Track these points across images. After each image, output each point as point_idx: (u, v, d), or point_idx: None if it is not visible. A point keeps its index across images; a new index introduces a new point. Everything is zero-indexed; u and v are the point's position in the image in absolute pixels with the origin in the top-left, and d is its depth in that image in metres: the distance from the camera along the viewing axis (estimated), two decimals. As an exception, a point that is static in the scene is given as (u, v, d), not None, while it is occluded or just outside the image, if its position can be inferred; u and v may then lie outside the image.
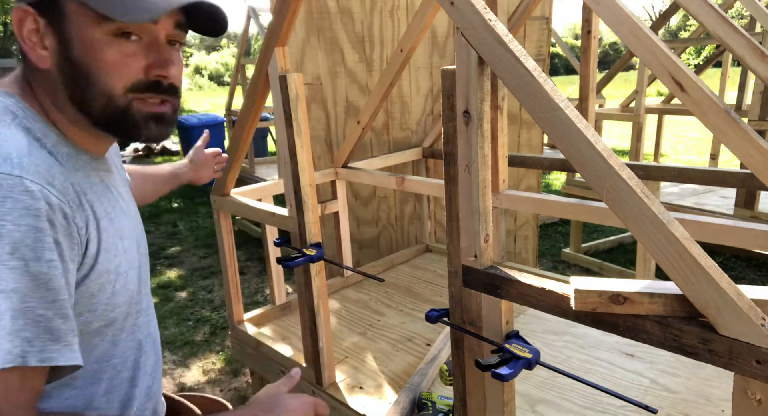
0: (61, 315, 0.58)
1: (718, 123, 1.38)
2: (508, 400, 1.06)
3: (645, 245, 0.76)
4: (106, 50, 0.67)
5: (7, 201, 0.55)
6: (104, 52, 0.67)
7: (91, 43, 0.67)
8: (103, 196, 0.75)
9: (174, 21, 0.72)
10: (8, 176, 0.57)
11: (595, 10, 1.55)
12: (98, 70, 0.68)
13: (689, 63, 18.91)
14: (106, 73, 0.68)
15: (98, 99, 0.69)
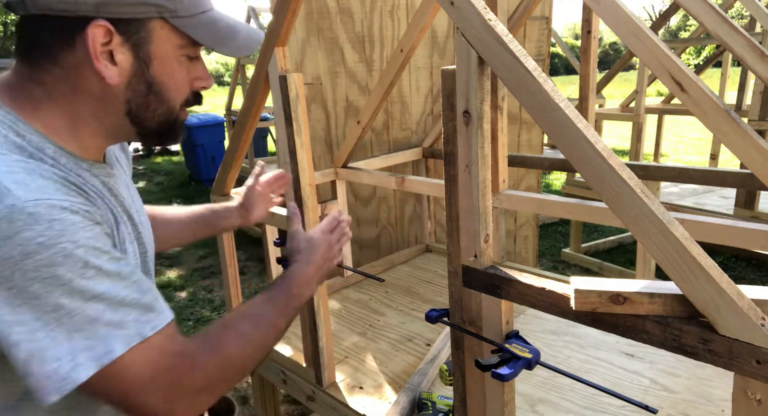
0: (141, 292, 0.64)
1: (718, 123, 1.38)
2: (508, 400, 1.06)
3: (645, 245, 0.76)
4: (180, 70, 0.73)
5: (54, 223, 0.57)
6: (178, 73, 0.73)
7: (171, 66, 0.72)
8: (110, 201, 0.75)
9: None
10: (38, 201, 0.57)
11: (595, 10, 1.55)
12: (170, 88, 0.73)
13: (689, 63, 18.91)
14: (176, 91, 0.74)
15: (164, 114, 0.74)
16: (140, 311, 0.63)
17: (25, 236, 0.55)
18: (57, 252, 0.56)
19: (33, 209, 0.56)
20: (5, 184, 0.56)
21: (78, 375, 0.58)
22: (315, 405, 1.83)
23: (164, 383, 0.64)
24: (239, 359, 0.74)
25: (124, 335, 0.61)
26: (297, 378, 1.87)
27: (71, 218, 0.59)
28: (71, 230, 0.58)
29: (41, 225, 0.56)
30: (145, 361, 0.62)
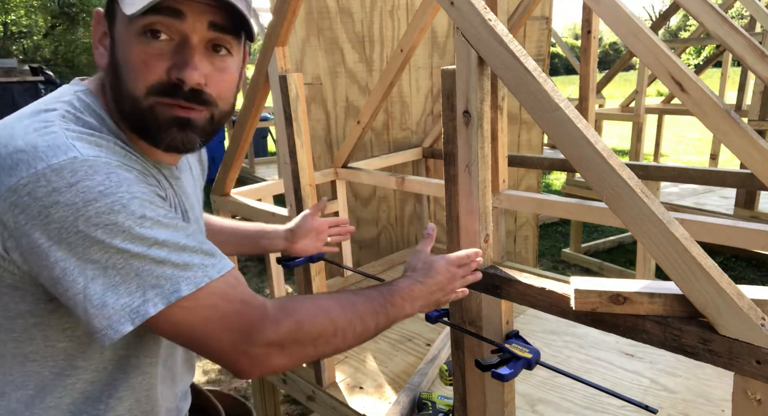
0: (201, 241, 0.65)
1: (718, 123, 1.38)
2: (508, 400, 1.06)
3: (645, 245, 0.76)
4: (133, 49, 0.66)
5: (111, 176, 0.59)
6: (131, 52, 0.67)
7: (125, 43, 0.67)
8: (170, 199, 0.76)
9: (207, 21, 0.67)
10: (99, 157, 0.60)
11: (595, 10, 1.55)
12: (126, 69, 0.67)
13: (689, 63, 18.91)
14: (131, 73, 0.67)
15: (126, 100, 0.68)
16: (203, 255, 0.64)
17: (86, 184, 0.57)
18: (115, 201, 0.58)
19: (93, 162, 0.59)
20: (71, 142, 0.60)
21: (148, 309, 0.60)
22: (315, 405, 1.83)
23: (233, 326, 0.64)
24: (316, 330, 0.71)
25: (191, 276, 0.62)
26: (297, 378, 1.87)
27: (126, 175, 0.61)
28: (127, 183, 0.60)
29: (100, 176, 0.58)
30: (212, 303, 0.63)
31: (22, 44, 13.49)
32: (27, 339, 0.66)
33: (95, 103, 0.69)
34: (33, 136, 0.59)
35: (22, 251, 0.59)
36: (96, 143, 0.62)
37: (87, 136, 0.63)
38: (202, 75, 0.68)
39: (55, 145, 0.58)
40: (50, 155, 0.57)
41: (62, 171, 0.57)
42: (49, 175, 0.57)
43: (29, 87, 8.11)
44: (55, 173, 0.57)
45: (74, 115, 0.65)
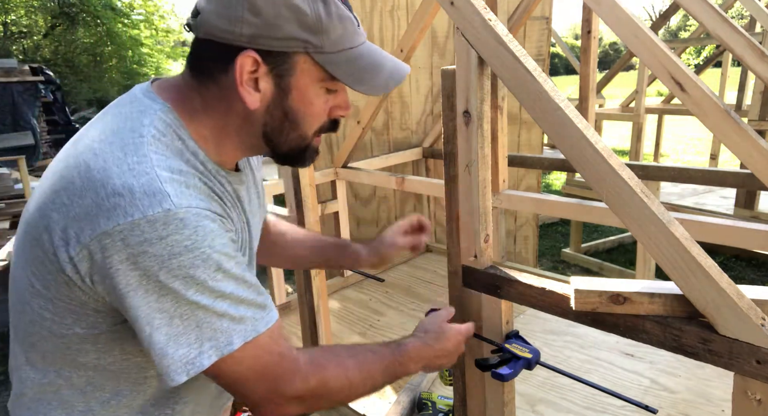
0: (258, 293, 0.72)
1: (718, 123, 1.38)
2: (508, 400, 1.06)
3: (645, 245, 0.76)
4: (318, 102, 0.76)
5: (198, 230, 0.64)
6: (316, 104, 0.76)
7: (309, 96, 0.75)
8: (234, 208, 0.81)
9: None
10: (190, 209, 0.65)
11: (595, 10, 1.55)
12: (305, 118, 0.76)
13: (689, 63, 18.91)
14: (310, 121, 0.77)
15: (295, 140, 0.77)
16: (256, 309, 0.70)
17: (175, 238, 0.63)
18: (197, 256, 0.64)
19: (184, 215, 0.63)
20: (166, 189, 0.64)
21: (203, 360, 0.66)
22: (315, 405, 1.83)
23: (268, 377, 0.71)
24: (335, 388, 0.79)
25: (242, 329, 0.68)
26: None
27: (211, 226, 0.66)
28: (210, 237, 0.66)
29: (189, 230, 0.64)
30: (256, 355, 0.70)
31: (22, 44, 13.47)
32: (107, 351, 0.73)
33: (175, 123, 0.72)
34: (129, 178, 0.63)
35: (105, 287, 0.65)
36: (185, 184, 0.67)
37: (177, 176, 0.67)
38: None
39: (151, 192, 0.63)
40: (146, 205, 0.62)
41: (156, 223, 0.62)
42: (144, 225, 0.61)
43: (29, 87, 8.10)
44: (150, 225, 0.62)
45: (161, 141, 0.69)
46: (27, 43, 13.59)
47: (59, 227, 0.64)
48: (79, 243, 0.63)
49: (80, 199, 0.63)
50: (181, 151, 0.71)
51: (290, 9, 0.68)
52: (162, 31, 15.02)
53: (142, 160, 0.65)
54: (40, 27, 13.78)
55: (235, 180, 0.81)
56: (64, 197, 0.64)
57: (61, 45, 13.48)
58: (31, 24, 13.70)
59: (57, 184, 0.66)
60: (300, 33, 0.69)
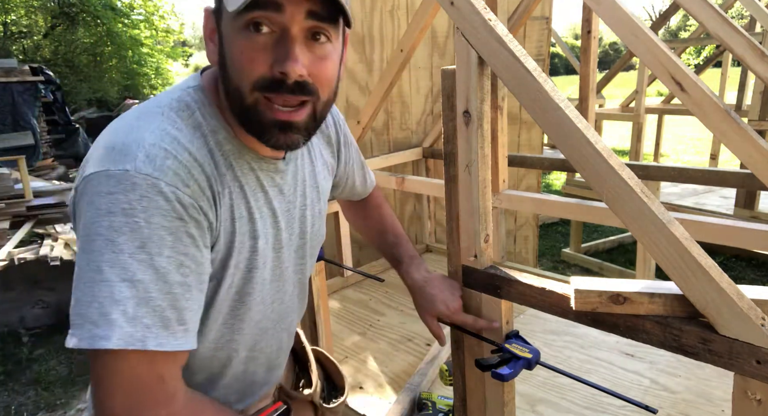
0: (172, 307, 0.64)
1: (718, 123, 1.38)
2: (508, 400, 1.06)
3: (645, 245, 0.76)
4: (238, 44, 0.68)
5: (143, 200, 0.62)
6: (236, 47, 0.68)
7: (231, 38, 0.69)
8: (254, 195, 0.77)
9: (305, 10, 0.67)
10: (148, 177, 0.63)
11: (595, 10, 1.55)
12: (232, 65, 0.69)
13: (689, 63, 18.90)
14: (236, 68, 0.69)
15: (233, 96, 0.70)
16: (157, 320, 0.63)
17: (119, 197, 0.62)
18: (128, 223, 0.62)
19: (139, 181, 0.63)
20: (137, 153, 0.64)
21: (69, 341, 0.61)
22: (315, 405, 1.83)
23: (134, 400, 0.63)
24: None
25: (128, 334, 0.60)
26: (297, 378, 1.87)
27: (161, 203, 0.63)
28: (152, 211, 0.63)
29: (134, 195, 0.62)
30: (131, 368, 0.62)
31: (22, 44, 13.46)
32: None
33: (204, 101, 0.73)
34: (121, 135, 0.66)
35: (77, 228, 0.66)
36: (169, 155, 0.66)
37: (167, 145, 0.66)
38: (304, 66, 0.68)
39: (126, 151, 0.64)
40: (115, 161, 0.63)
41: (112, 179, 0.63)
42: (103, 178, 0.63)
43: (29, 87, 8.10)
44: (107, 179, 0.63)
45: (178, 113, 0.70)
46: (27, 43, 13.58)
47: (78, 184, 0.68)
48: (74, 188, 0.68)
49: (93, 150, 0.68)
50: (199, 125, 0.71)
51: None
52: (162, 31, 15.02)
53: (143, 125, 0.67)
54: (40, 27, 13.78)
55: (266, 167, 0.79)
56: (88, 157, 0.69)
57: (61, 45, 13.47)
58: (31, 24, 13.69)
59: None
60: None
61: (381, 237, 1.18)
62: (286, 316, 0.92)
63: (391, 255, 1.15)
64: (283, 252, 0.85)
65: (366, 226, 1.22)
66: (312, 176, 0.92)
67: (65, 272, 3.12)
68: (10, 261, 3.15)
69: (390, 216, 1.21)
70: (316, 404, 1.05)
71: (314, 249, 0.95)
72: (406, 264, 1.10)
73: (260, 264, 0.80)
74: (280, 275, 0.86)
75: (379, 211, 1.20)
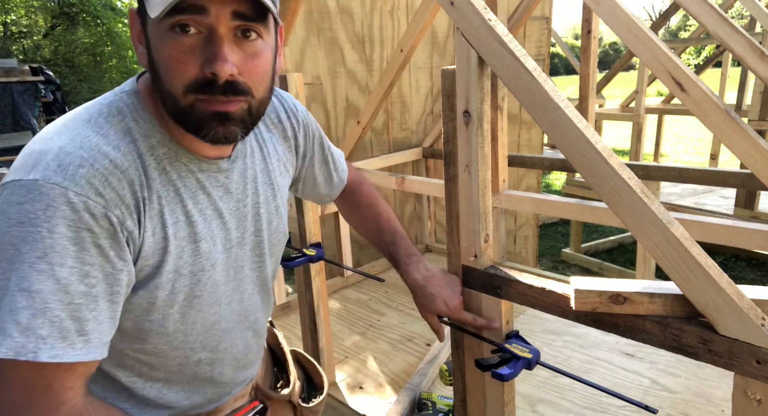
0: (72, 318, 0.63)
1: (718, 123, 1.38)
2: (508, 400, 1.06)
3: (645, 245, 0.76)
4: (165, 47, 0.67)
5: (48, 209, 0.61)
6: (164, 50, 0.67)
7: (158, 41, 0.67)
8: (193, 198, 0.76)
9: (230, 11, 0.66)
10: (56, 186, 0.62)
11: (595, 10, 1.55)
12: (162, 68, 0.68)
13: (689, 63, 18.90)
14: (167, 72, 0.68)
15: (168, 100, 0.69)
16: (54, 331, 0.62)
17: (26, 207, 0.61)
18: (32, 232, 0.61)
19: (46, 190, 0.61)
20: (51, 161, 0.63)
21: None
22: (315, 405, 1.83)
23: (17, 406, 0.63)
24: None
25: (19, 344, 0.60)
26: (297, 378, 1.87)
27: (67, 213, 0.62)
28: (57, 220, 0.61)
29: (40, 204, 0.61)
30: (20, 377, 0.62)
31: (22, 44, 13.47)
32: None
33: (137, 106, 0.72)
34: (40, 144, 0.66)
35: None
36: (81, 163, 0.64)
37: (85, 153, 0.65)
38: (234, 65, 0.67)
39: (38, 160, 0.64)
40: (27, 170, 0.63)
41: (22, 188, 0.62)
42: (15, 187, 0.63)
43: (29, 87, 8.10)
44: (18, 188, 0.62)
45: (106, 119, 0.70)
46: (27, 43, 13.59)
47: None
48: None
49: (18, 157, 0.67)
50: (129, 130, 0.70)
51: None
52: (162, 31, 15.02)
53: (65, 132, 0.67)
54: (40, 27, 13.78)
55: (207, 168, 0.78)
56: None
57: (61, 45, 13.47)
58: (31, 24, 13.70)
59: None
60: None
61: (378, 237, 1.17)
62: (249, 315, 0.91)
63: (390, 255, 1.14)
64: (234, 251, 0.84)
65: (363, 226, 1.21)
66: (265, 173, 0.90)
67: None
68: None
69: (386, 214, 1.18)
70: (294, 403, 1.05)
71: (275, 246, 0.94)
72: (405, 263, 1.09)
73: (207, 266, 0.78)
74: (234, 275, 0.85)
75: (373, 210, 1.19)
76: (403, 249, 1.12)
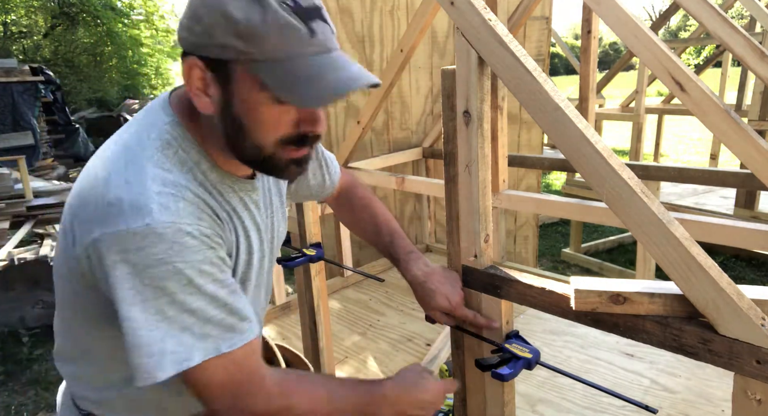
0: (230, 313, 0.74)
1: (718, 123, 1.38)
2: (508, 400, 1.06)
3: (645, 245, 0.76)
4: (263, 111, 0.72)
5: (174, 245, 0.69)
6: (261, 113, 0.72)
7: (251, 105, 0.72)
8: (243, 215, 0.84)
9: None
10: (170, 224, 0.69)
11: (595, 10, 1.55)
12: (254, 127, 0.73)
13: (689, 63, 18.90)
14: (260, 131, 0.73)
15: (250, 149, 0.75)
16: (223, 329, 0.73)
17: (151, 251, 0.68)
18: (169, 269, 0.68)
19: (162, 230, 0.68)
20: (150, 205, 0.68)
21: (158, 374, 0.69)
22: (315, 405, 1.83)
23: (231, 392, 0.74)
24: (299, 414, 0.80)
25: (203, 347, 0.71)
26: (297, 378, 1.87)
27: (190, 242, 0.70)
28: (186, 252, 0.69)
29: (165, 244, 0.68)
30: (216, 372, 0.73)
31: (22, 44, 13.45)
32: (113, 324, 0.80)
33: (181, 135, 0.76)
34: (122, 190, 0.69)
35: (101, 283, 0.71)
36: (176, 198, 0.71)
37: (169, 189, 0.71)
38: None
39: (138, 206, 0.68)
40: (131, 218, 0.67)
41: (136, 236, 0.67)
42: (126, 236, 0.67)
43: (29, 87, 8.10)
44: (131, 236, 0.67)
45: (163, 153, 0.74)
46: (27, 43, 13.58)
47: (71, 227, 0.73)
48: (81, 244, 0.70)
49: (86, 205, 0.71)
50: (184, 161, 0.75)
51: (224, 16, 0.67)
52: (162, 31, 15.00)
53: (138, 173, 0.71)
54: (40, 27, 13.77)
55: (244, 187, 0.84)
56: (77, 201, 0.73)
57: (61, 45, 13.46)
58: (31, 24, 13.69)
59: (75, 189, 0.75)
60: (232, 40, 0.68)
61: (377, 237, 1.18)
62: (261, 314, 1.00)
63: (389, 254, 1.15)
64: (265, 260, 0.92)
65: (361, 228, 1.23)
66: (275, 184, 0.97)
67: (65, 272, 3.12)
68: (10, 261, 3.15)
69: (382, 213, 1.20)
70: None
71: (277, 248, 1.02)
72: (404, 260, 1.10)
73: (252, 276, 0.88)
74: (260, 281, 0.93)
75: (369, 211, 1.20)
76: (401, 247, 1.13)
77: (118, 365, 0.78)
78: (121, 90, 14.57)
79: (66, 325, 0.87)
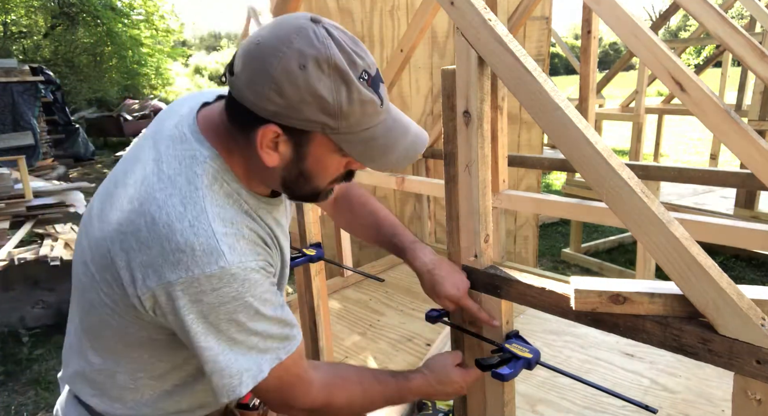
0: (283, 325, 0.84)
1: (718, 123, 1.38)
2: (508, 400, 1.06)
3: (645, 245, 0.76)
4: (331, 164, 0.82)
5: (245, 282, 0.76)
6: (329, 167, 0.83)
7: (323, 163, 0.82)
8: (276, 232, 0.91)
9: None
10: (240, 264, 0.76)
11: (595, 10, 1.55)
12: (317, 177, 0.84)
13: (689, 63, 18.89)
14: (322, 179, 0.84)
15: (308, 192, 0.86)
16: (280, 341, 0.83)
17: (225, 290, 0.75)
18: (241, 304, 0.77)
19: (235, 271, 0.75)
20: (221, 248, 0.75)
21: (242, 390, 0.79)
22: (315, 405, 1.83)
23: (283, 393, 0.86)
24: (338, 407, 0.92)
25: (268, 359, 0.82)
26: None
27: (256, 277, 0.78)
28: (254, 287, 0.78)
29: (237, 283, 0.76)
30: (275, 376, 0.83)
31: (22, 44, 13.44)
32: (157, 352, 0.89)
33: (222, 168, 0.81)
34: (190, 235, 0.74)
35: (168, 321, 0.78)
36: (237, 236, 0.78)
37: (230, 229, 0.78)
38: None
39: (209, 250, 0.74)
40: (205, 263, 0.74)
41: (212, 278, 0.74)
42: (202, 280, 0.74)
43: (29, 87, 8.10)
44: (207, 279, 0.74)
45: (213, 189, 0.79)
46: (27, 43, 13.57)
47: (127, 267, 0.76)
48: (145, 286, 0.75)
49: (147, 249, 0.74)
50: (230, 194, 0.81)
51: (313, 96, 0.72)
52: (162, 31, 14.99)
53: (200, 215, 0.76)
54: (40, 27, 13.77)
55: (274, 207, 0.91)
56: (132, 241, 0.75)
57: (61, 45, 13.45)
58: (31, 24, 13.68)
59: (125, 226, 0.76)
60: (320, 116, 0.74)
61: (379, 232, 1.19)
62: None
63: (393, 246, 1.16)
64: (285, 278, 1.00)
65: (361, 226, 1.24)
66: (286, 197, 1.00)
67: (65, 272, 3.12)
68: (10, 261, 3.15)
69: (381, 209, 1.23)
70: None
71: None
72: (411, 249, 1.12)
73: (284, 282, 0.99)
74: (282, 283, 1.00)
75: (368, 208, 1.23)
76: (405, 237, 1.16)
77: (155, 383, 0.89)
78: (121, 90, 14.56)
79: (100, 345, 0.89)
